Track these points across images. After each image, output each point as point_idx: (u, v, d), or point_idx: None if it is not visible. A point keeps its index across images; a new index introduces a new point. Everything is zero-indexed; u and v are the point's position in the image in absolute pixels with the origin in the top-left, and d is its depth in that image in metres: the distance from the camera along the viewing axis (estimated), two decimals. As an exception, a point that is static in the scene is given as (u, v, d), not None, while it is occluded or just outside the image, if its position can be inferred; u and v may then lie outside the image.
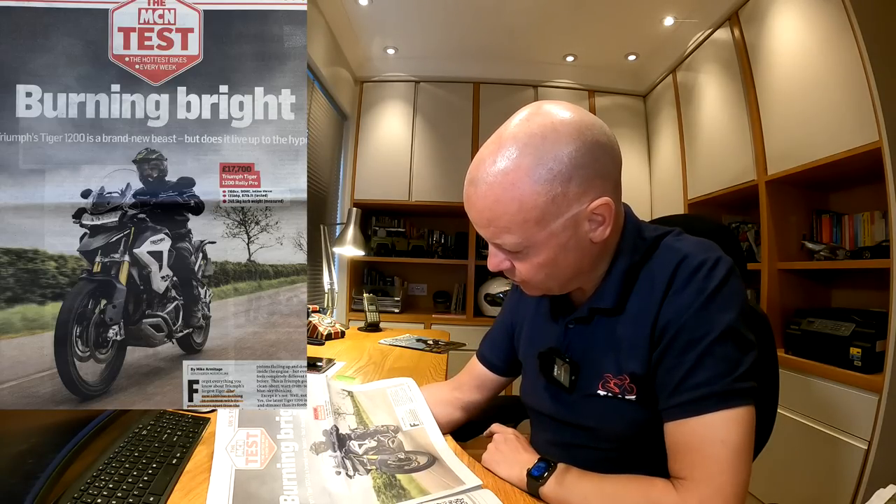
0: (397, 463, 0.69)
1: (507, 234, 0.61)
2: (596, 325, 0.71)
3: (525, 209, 0.59)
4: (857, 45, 1.61)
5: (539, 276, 0.66)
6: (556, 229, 0.61)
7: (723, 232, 0.95)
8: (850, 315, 1.64)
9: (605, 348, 0.69)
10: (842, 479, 1.56)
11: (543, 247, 0.62)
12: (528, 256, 0.63)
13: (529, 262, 0.64)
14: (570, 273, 0.67)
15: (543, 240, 0.61)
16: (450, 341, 2.06)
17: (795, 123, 1.95)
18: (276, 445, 0.66)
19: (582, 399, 0.71)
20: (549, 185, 0.58)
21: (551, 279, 0.67)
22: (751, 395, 0.59)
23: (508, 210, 0.59)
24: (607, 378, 0.68)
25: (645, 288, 0.67)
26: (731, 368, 0.58)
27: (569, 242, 0.62)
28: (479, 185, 0.61)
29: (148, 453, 0.67)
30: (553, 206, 0.59)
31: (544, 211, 0.59)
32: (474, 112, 3.40)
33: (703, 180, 2.69)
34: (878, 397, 1.47)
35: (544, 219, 0.60)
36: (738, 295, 0.63)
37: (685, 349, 0.61)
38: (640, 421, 0.66)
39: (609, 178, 0.62)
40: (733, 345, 0.60)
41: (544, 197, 0.58)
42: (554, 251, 0.62)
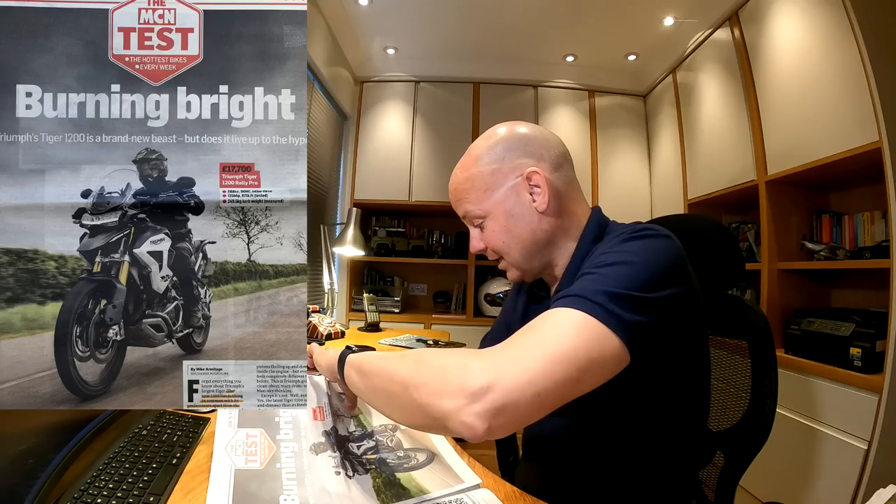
0: (396, 461, 0.69)
1: (466, 203, 0.78)
2: None
3: (475, 180, 0.77)
4: (857, 45, 1.61)
5: (500, 245, 0.77)
6: (500, 197, 0.75)
7: (723, 232, 0.94)
8: (850, 315, 1.64)
9: None
10: (842, 479, 1.56)
11: (495, 212, 0.76)
12: (487, 227, 0.77)
13: (487, 230, 0.77)
14: (529, 243, 0.76)
15: (491, 206, 0.76)
16: (450, 341, 2.07)
17: (795, 123, 1.95)
18: (275, 446, 0.66)
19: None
20: (489, 164, 0.76)
21: (513, 248, 0.76)
22: (619, 321, 0.51)
23: (465, 186, 0.78)
24: None
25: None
26: (609, 286, 0.54)
27: (514, 209, 0.75)
28: (454, 171, 0.82)
29: (148, 453, 0.67)
30: (493, 177, 0.76)
31: (488, 182, 0.76)
32: (474, 112, 3.40)
33: (703, 180, 2.69)
34: (878, 397, 1.47)
35: (489, 188, 0.76)
36: (658, 248, 0.60)
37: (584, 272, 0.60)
38: (620, 381, 0.55)
39: (542, 160, 0.75)
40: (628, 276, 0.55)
41: (489, 169, 0.76)
42: (503, 217, 0.75)
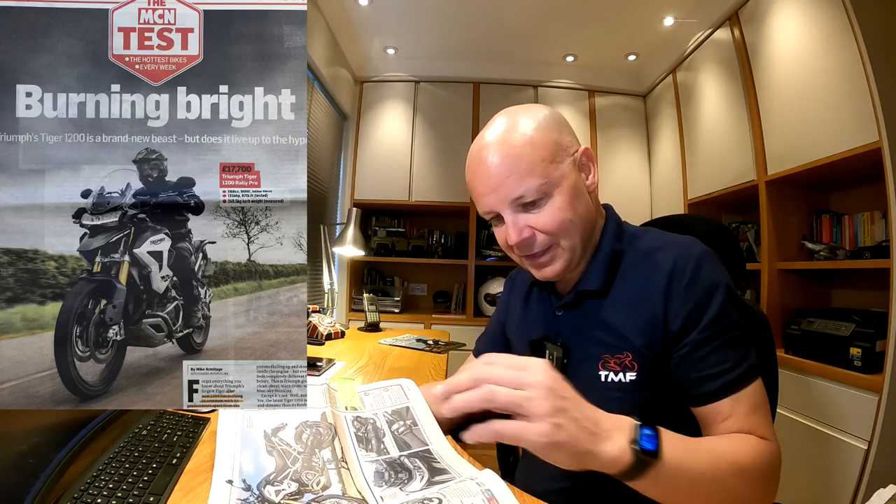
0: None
1: (528, 177, 0.65)
2: (585, 309, 0.72)
3: (538, 148, 0.65)
4: (857, 45, 1.61)
5: (563, 222, 0.66)
6: (566, 170, 0.67)
7: (723, 232, 0.94)
8: (850, 315, 1.64)
9: (599, 330, 0.70)
10: (842, 479, 1.56)
11: (561, 187, 0.66)
12: (549, 202, 0.66)
13: (551, 207, 0.66)
14: (588, 223, 0.70)
15: (558, 179, 0.66)
16: (450, 341, 2.07)
17: (795, 123, 1.95)
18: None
19: (576, 382, 0.65)
20: (547, 132, 0.66)
21: (577, 229, 0.68)
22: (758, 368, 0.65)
23: (524, 152, 0.65)
24: (605, 359, 0.68)
25: (635, 274, 0.69)
26: (744, 346, 0.64)
27: (577, 184, 0.68)
28: (488, 150, 0.67)
29: (148, 453, 0.67)
30: (557, 147, 0.66)
31: (553, 151, 0.66)
32: (474, 112, 3.40)
33: (703, 180, 2.69)
34: (878, 397, 1.47)
35: (555, 158, 0.66)
36: (729, 281, 0.67)
37: (705, 341, 0.64)
38: (642, 401, 0.66)
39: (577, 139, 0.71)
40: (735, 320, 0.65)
41: (550, 138, 0.66)
42: (570, 192, 0.66)
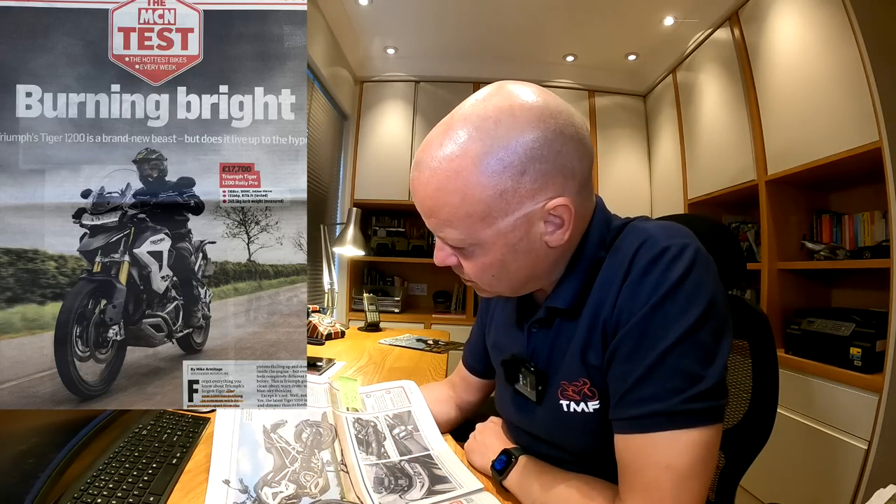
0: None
1: (448, 227, 0.55)
2: (556, 327, 0.63)
3: (468, 202, 0.52)
4: (857, 45, 1.61)
5: (485, 278, 0.59)
6: (505, 228, 0.53)
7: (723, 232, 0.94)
8: (850, 315, 1.65)
9: (563, 354, 0.61)
10: (842, 479, 1.56)
11: (490, 246, 0.55)
12: (474, 255, 0.56)
13: (475, 261, 0.57)
14: (523, 277, 0.59)
15: (489, 238, 0.54)
16: (450, 341, 2.07)
17: (795, 123, 1.95)
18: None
19: (548, 411, 0.63)
20: (498, 177, 0.51)
21: (500, 282, 0.59)
22: (709, 415, 0.50)
23: (450, 202, 0.52)
24: (564, 386, 0.60)
25: (605, 279, 0.58)
26: (685, 384, 0.50)
27: (519, 244, 0.55)
28: (423, 170, 0.54)
29: (148, 453, 0.67)
30: (501, 201, 0.52)
31: (490, 206, 0.52)
32: (474, 112, 3.40)
33: (703, 180, 2.69)
34: (878, 397, 1.47)
35: (490, 215, 0.52)
36: (702, 288, 0.52)
37: (634, 354, 0.52)
38: (607, 434, 0.56)
39: (573, 177, 0.54)
40: (691, 355, 0.50)
41: (491, 190, 0.51)
42: (501, 252, 0.55)
